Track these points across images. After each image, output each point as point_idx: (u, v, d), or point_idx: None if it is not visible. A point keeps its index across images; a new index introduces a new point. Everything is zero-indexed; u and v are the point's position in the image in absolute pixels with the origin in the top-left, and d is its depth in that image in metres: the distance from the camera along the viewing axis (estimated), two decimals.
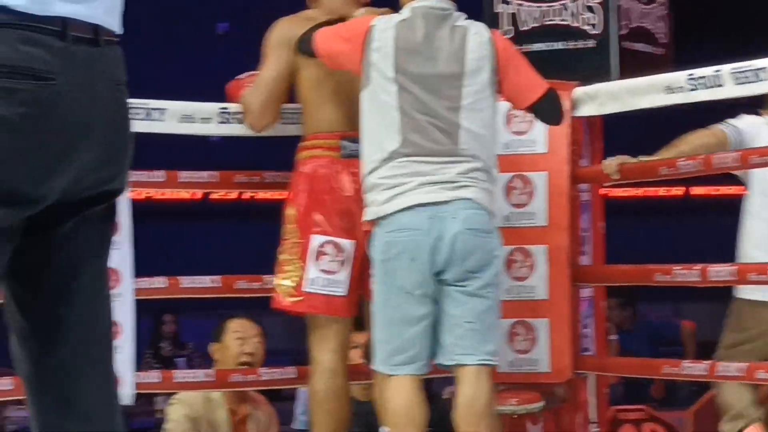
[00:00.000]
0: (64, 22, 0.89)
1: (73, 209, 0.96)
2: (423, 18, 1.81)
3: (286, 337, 4.27)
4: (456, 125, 1.76)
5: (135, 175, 2.02)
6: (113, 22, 0.96)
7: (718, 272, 2.00)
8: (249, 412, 2.30)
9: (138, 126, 1.99)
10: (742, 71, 1.90)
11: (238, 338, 2.28)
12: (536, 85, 1.87)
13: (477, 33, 1.82)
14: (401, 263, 1.75)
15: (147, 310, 3.81)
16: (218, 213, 8.24)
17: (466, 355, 1.77)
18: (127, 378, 1.91)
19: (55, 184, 0.90)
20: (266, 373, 2.19)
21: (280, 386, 2.57)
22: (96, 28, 0.93)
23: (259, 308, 2.22)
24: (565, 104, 2.02)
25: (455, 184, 1.77)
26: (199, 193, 7.29)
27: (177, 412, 2.24)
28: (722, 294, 2.34)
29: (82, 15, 0.92)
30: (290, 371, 2.22)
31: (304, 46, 1.91)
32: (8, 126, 0.86)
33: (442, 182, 1.77)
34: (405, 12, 1.85)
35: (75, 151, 0.91)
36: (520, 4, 2.23)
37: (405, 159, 1.76)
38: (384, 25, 1.82)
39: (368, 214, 1.81)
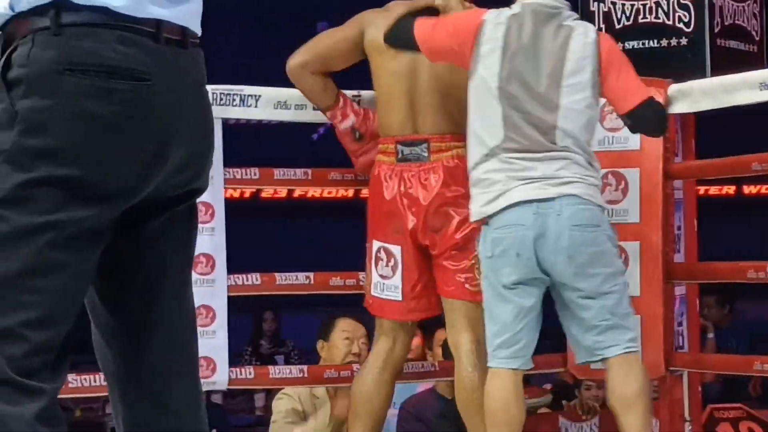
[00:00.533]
0: (158, 24, 0.90)
1: (161, 207, 0.97)
2: (532, 14, 1.81)
3: None
4: (553, 125, 1.78)
5: (230, 172, 2.16)
6: (196, 25, 0.97)
7: None
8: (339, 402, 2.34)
9: (233, 112, 2.13)
10: None
11: (346, 338, 2.33)
12: (637, 91, 1.83)
13: (583, 33, 1.82)
14: (508, 259, 1.77)
15: (247, 308, 3.97)
16: (308, 209, 8.42)
17: (609, 348, 1.78)
18: (221, 362, 2.05)
19: (147, 181, 0.91)
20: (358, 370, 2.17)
21: None
22: (184, 30, 0.94)
23: (353, 306, 2.29)
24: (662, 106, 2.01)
25: (558, 180, 1.78)
26: (283, 191, 7.47)
27: (284, 405, 2.34)
28: None
29: (172, 17, 0.92)
30: None
31: (398, 39, 1.89)
32: (105, 125, 0.87)
33: (544, 178, 1.78)
34: (516, 7, 1.85)
35: (166, 150, 0.92)
36: (614, 2, 2.25)
37: (506, 155, 1.78)
38: (495, 19, 1.82)
39: (474, 215, 1.83)
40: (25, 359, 0.86)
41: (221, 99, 2.07)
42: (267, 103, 2.14)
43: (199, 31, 0.97)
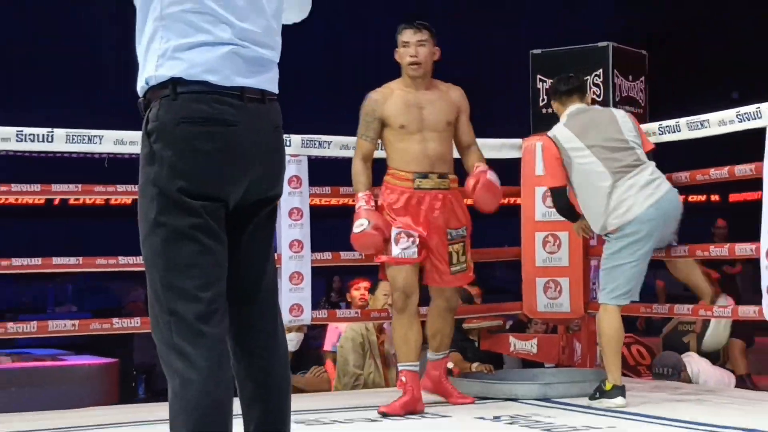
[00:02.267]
0: (242, 89, 1.33)
1: (251, 211, 1.39)
2: (579, 112, 2.89)
3: None
4: (631, 149, 2.83)
5: (312, 189, 3.32)
6: (273, 87, 1.40)
7: None
8: (384, 339, 3.64)
9: (314, 152, 3.24)
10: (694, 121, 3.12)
11: (385, 294, 3.49)
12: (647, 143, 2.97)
13: (617, 112, 2.99)
14: (646, 241, 2.75)
15: (322, 274, 5.19)
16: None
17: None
18: (306, 307, 3.21)
19: (234, 190, 1.34)
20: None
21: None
22: (262, 92, 1.37)
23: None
24: None
25: (656, 182, 2.78)
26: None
27: (349, 334, 3.60)
28: None
29: (253, 84, 1.36)
30: None
31: (565, 211, 2.98)
32: (207, 156, 1.30)
33: (648, 183, 2.77)
34: (565, 117, 2.90)
35: (247, 170, 1.35)
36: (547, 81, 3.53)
37: (619, 183, 2.76)
38: (557, 131, 2.87)
39: (615, 224, 2.78)
40: (199, 310, 1.29)
41: (307, 143, 3.26)
42: (335, 146, 3.33)
43: (275, 91, 1.41)
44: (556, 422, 2.58)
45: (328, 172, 3.41)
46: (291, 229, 3.22)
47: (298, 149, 3.22)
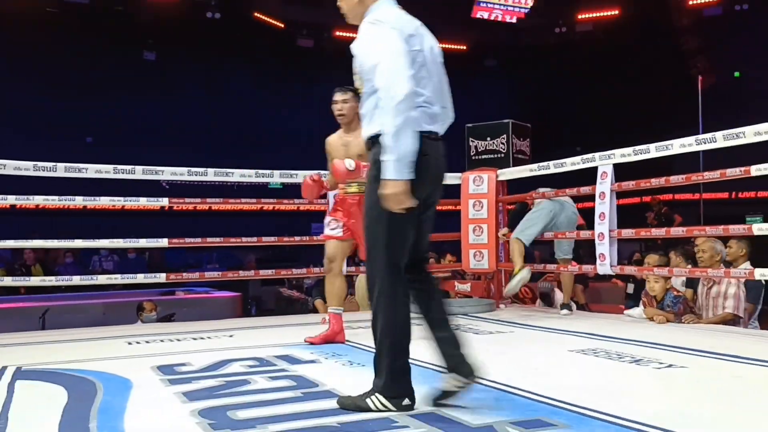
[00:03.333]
0: (436, 133, 2.46)
1: (429, 205, 2.49)
2: None
3: None
4: None
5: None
6: (444, 131, 2.51)
7: None
8: None
9: None
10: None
11: None
12: None
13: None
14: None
15: None
16: None
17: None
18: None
19: (431, 195, 2.46)
20: None
21: None
22: (441, 135, 2.49)
23: None
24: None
25: None
26: None
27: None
28: None
29: (440, 130, 2.48)
30: None
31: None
32: (428, 175, 2.38)
33: None
34: None
35: (437, 184, 2.50)
36: (474, 143, 6.34)
37: None
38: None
39: None
40: (404, 266, 2.42)
41: None
42: None
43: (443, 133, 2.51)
44: (479, 329, 4.71)
45: None
46: None
47: None
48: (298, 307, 8.89)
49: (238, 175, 5.46)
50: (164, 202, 5.40)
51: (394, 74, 2.23)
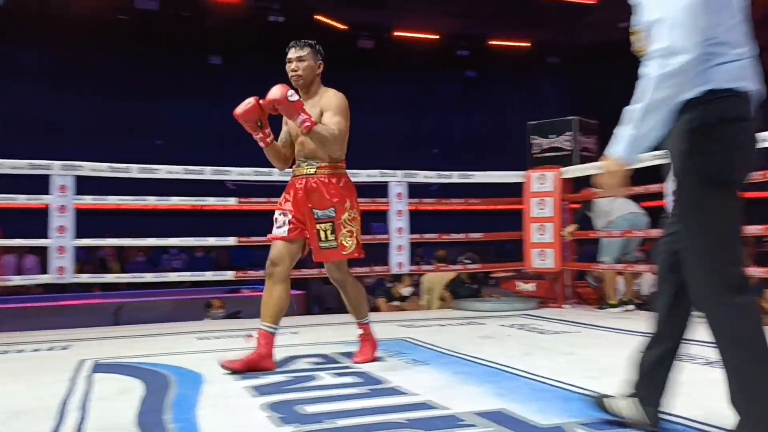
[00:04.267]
0: (748, 92, 1.79)
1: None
2: None
3: None
4: None
5: None
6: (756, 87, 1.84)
7: None
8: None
9: None
10: None
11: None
12: None
13: None
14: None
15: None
16: None
17: None
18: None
19: (747, 174, 1.83)
20: None
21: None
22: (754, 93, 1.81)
23: None
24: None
25: None
26: None
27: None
28: None
29: (752, 86, 1.81)
30: None
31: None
32: (739, 147, 1.77)
33: None
34: None
35: (752, 159, 1.82)
36: (535, 140, 6.23)
37: None
38: None
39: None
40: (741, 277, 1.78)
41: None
42: None
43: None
44: (544, 329, 4.62)
45: None
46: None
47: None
48: None
49: None
50: (233, 201, 5.54)
51: (678, 34, 1.71)
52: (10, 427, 2.28)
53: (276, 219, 3.28)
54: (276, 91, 3.02)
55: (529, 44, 16.31)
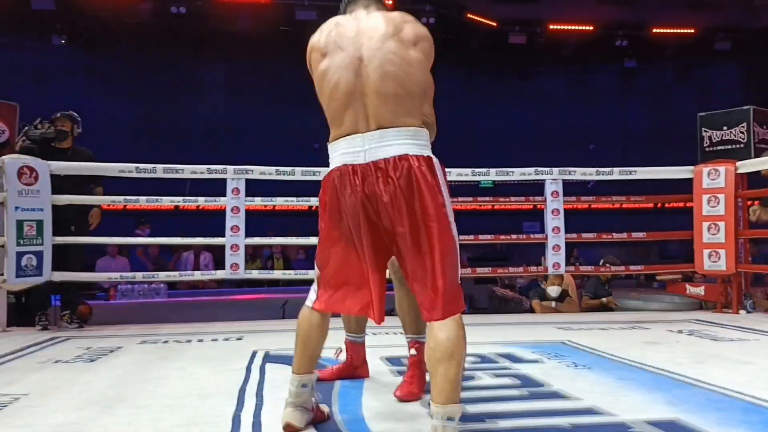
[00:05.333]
0: None
1: None
2: None
3: None
4: None
5: None
6: None
7: None
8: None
9: None
10: None
11: None
12: None
13: None
14: None
15: None
16: None
17: None
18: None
19: None
20: None
21: None
22: None
23: None
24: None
25: None
26: None
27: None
28: None
29: None
30: None
31: None
32: None
33: None
34: None
35: None
36: (708, 133, 5.79)
37: None
38: None
39: None
40: None
41: None
42: None
43: None
44: (717, 335, 4.20)
45: None
46: None
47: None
48: (512, 306, 8.83)
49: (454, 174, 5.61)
50: None
51: None
52: (200, 407, 2.52)
53: None
54: None
55: (693, 30, 15.23)
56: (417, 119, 2.06)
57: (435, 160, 2.04)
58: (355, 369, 2.98)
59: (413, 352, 2.70)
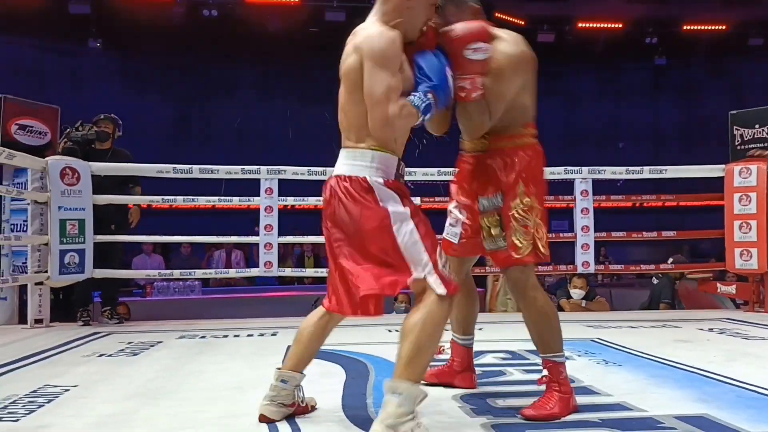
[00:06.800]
0: None
1: None
2: None
3: None
4: None
5: None
6: None
7: None
8: None
9: None
10: None
11: None
12: None
13: None
14: None
15: None
16: None
17: None
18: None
19: None
20: None
21: None
22: None
23: None
24: None
25: None
26: None
27: None
28: None
29: None
30: None
31: None
32: None
33: None
34: None
35: None
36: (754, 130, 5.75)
37: None
38: None
39: None
40: None
41: None
42: None
43: None
44: (748, 334, 4.15)
45: None
46: None
47: None
48: None
49: None
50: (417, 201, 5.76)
51: None
52: (240, 399, 2.62)
53: (450, 212, 2.58)
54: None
55: (725, 26, 15.00)
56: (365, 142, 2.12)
57: (371, 179, 2.08)
58: (454, 375, 2.73)
59: (544, 372, 2.43)
